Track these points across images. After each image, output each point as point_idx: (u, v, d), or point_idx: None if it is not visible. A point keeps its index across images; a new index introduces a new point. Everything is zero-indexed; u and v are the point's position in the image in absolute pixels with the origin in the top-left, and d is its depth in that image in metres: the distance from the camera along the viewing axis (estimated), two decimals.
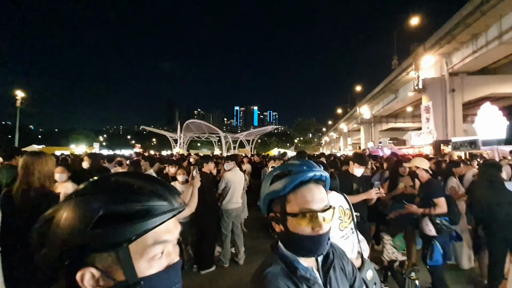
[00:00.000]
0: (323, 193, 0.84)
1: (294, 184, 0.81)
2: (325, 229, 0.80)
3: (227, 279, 3.99)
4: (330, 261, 0.90)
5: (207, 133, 44.63)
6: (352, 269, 0.99)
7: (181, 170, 4.05)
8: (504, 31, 12.51)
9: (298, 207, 0.81)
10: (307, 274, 0.82)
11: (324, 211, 0.80)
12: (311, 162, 0.89)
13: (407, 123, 31.21)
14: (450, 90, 17.07)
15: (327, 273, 0.88)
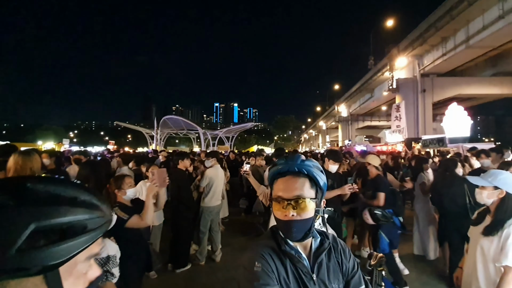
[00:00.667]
0: (297, 184, 0.91)
1: (274, 174, 0.96)
2: (292, 216, 0.88)
3: (203, 277, 3.89)
4: (323, 248, 0.96)
5: (185, 130, 43.66)
6: (352, 266, 1.01)
7: (154, 167, 3.81)
8: (471, 36, 13.28)
9: (274, 194, 0.94)
10: (292, 252, 0.91)
11: (292, 200, 0.89)
12: (295, 157, 0.97)
13: (381, 122, 32.52)
14: (421, 91, 17.95)
15: (317, 258, 0.93)
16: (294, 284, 0.89)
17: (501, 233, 1.76)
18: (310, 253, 0.95)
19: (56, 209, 0.43)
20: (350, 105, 34.20)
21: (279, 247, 0.92)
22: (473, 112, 17.41)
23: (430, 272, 3.95)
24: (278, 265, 0.89)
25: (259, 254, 0.89)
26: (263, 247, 0.92)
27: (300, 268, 0.90)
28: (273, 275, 0.86)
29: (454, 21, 13.36)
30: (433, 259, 4.27)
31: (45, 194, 0.44)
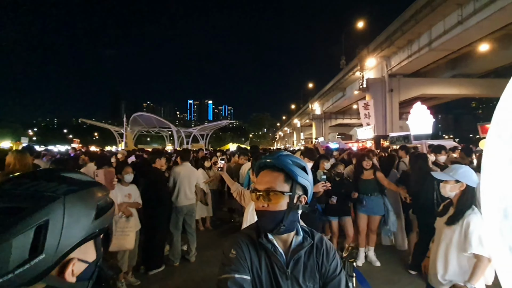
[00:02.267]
0: (270, 177, 0.95)
1: (255, 169, 1.02)
2: (262, 207, 0.92)
3: (177, 278, 3.76)
4: (302, 247, 0.96)
5: (157, 127, 42.16)
6: (334, 269, 0.99)
7: (127, 168, 3.60)
8: (433, 39, 14.20)
9: (252, 186, 1.02)
10: (268, 245, 0.93)
11: (263, 191, 0.92)
12: (275, 152, 1.02)
13: (353, 120, 33.82)
14: (389, 90, 18.92)
15: (294, 255, 0.94)
16: (266, 276, 0.92)
17: (462, 222, 1.88)
18: (289, 249, 0.96)
19: (96, 190, 0.57)
20: (323, 103, 35.17)
21: (258, 238, 0.95)
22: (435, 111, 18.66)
23: (399, 261, 4.15)
24: (253, 255, 0.93)
25: (236, 242, 0.95)
26: (243, 237, 0.98)
27: (274, 261, 0.92)
28: (245, 263, 0.90)
29: (419, 25, 14.20)
30: (402, 249, 4.49)
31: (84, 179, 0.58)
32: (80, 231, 0.51)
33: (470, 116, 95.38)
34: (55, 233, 0.47)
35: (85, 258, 0.54)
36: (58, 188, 0.51)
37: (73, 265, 0.51)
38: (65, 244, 0.49)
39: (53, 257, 0.47)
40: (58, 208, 0.48)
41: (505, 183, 0.41)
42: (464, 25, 12.00)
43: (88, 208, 0.53)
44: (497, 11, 10.30)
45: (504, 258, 0.41)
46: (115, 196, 3.27)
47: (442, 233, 2.02)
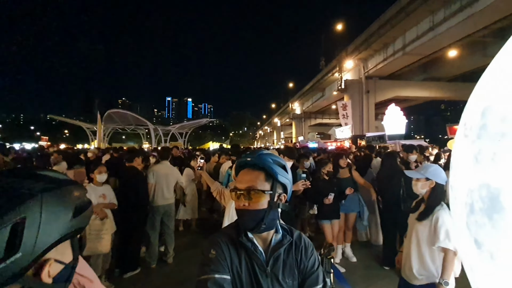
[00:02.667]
0: (251, 176, 0.95)
1: (236, 168, 1.01)
2: (244, 206, 0.92)
3: (154, 281, 3.67)
4: (281, 245, 0.98)
5: (133, 125, 40.63)
6: (312, 265, 1.02)
7: (101, 167, 3.44)
8: (407, 43, 14.88)
9: (232, 185, 1.02)
10: (248, 244, 0.93)
11: (244, 190, 0.93)
12: (255, 151, 1.04)
13: (332, 119, 34.68)
14: (366, 91, 19.61)
15: (274, 253, 0.95)
16: (246, 274, 0.92)
17: (432, 217, 1.99)
18: (268, 247, 0.97)
19: (73, 189, 0.56)
20: (303, 103, 35.75)
21: (237, 237, 0.95)
22: (407, 112, 19.60)
23: (374, 256, 4.32)
24: (233, 255, 0.92)
25: (216, 242, 0.94)
26: (222, 236, 0.97)
27: (254, 260, 0.93)
28: (225, 263, 0.90)
29: (394, 30, 14.82)
30: (377, 244, 4.66)
31: (61, 178, 0.57)
32: (58, 230, 0.50)
33: (439, 118, 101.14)
34: (32, 232, 0.46)
35: (62, 259, 0.53)
36: (35, 186, 0.49)
37: (50, 265, 0.50)
38: (42, 243, 0.47)
39: (30, 256, 0.46)
40: (35, 206, 0.47)
41: (471, 179, 0.43)
42: (435, 31, 12.69)
43: (65, 207, 0.52)
44: (464, 19, 10.99)
45: (469, 250, 0.44)
46: (88, 197, 3.11)
47: (414, 228, 2.12)
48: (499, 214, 0.37)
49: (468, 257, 0.45)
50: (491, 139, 0.39)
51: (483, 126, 0.42)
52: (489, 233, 0.38)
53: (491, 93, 0.42)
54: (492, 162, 0.39)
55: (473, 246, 0.42)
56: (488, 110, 0.42)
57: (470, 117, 0.48)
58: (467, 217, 0.44)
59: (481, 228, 0.40)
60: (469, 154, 0.45)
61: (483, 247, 0.40)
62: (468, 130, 0.48)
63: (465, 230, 0.45)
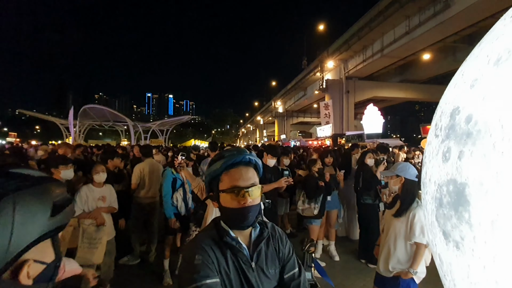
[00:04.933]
0: (250, 173, 0.98)
1: (226, 165, 0.96)
2: (249, 202, 0.93)
3: (135, 279, 3.58)
4: (262, 237, 1.01)
5: (111, 121, 39.16)
6: (288, 251, 1.08)
7: (98, 166, 3.12)
8: (385, 46, 15.43)
9: (228, 184, 0.95)
10: (233, 242, 0.94)
11: (249, 187, 0.94)
12: (242, 148, 1.06)
13: (313, 118, 35.30)
14: (346, 91, 20.15)
15: (256, 247, 0.98)
16: (234, 273, 0.92)
17: (409, 214, 2.10)
18: (250, 242, 0.99)
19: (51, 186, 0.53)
20: (285, 102, 36.10)
21: (220, 238, 0.95)
22: (385, 113, 20.36)
23: (353, 250, 4.48)
24: (219, 256, 0.91)
25: (200, 247, 0.91)
26: (204, 239, 0.95)
27: (240, 257, 0.94)
28: (213, 266, 0.89)
29: (373, 32, 15.31)
30: (355, 239, 4.84)
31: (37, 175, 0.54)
32: (34, 230, 0.48)
33: (414, 118, 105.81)
34: (4, 234, 0.44)
35: (42, 259, 0.51)
36: (7, 185, 0.47)
37: (29, 266, 0.48)
38: (16, 245, 0.46)
39: (4, 259, 0.44)
40: (7, 206, 0.45)
41: (440, 176, 0.47)
42: (411, 35, 13.27)
43: (42, 205, 0.50)
44: (437, 24, 11.61)
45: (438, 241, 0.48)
46: (85, 199, 2.86)
47: (391, 224, 2.22)
48: (464, 206, 0.40)
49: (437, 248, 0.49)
50: (458, 138, 0.43)
51: (451, 126, 0.46)
52: (455, 225, 0.42)
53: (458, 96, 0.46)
54: (459, 159, 0.42)
55: (441, 237, 0.46)
56: (456, 112, 0.45)
57: (440, 118, 0.52)
58: (437, 211, 0.48)
59: (448, 220, 0.44)
60: (439, 153, 0.49)
61: (450, 238, 0.44)
62: (439, 130, 0.51)
63: (434, 223, 0.49)
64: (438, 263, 0.50)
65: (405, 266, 2.10)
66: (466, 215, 0.39)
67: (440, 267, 0.50)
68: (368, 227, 4.15)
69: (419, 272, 2.04)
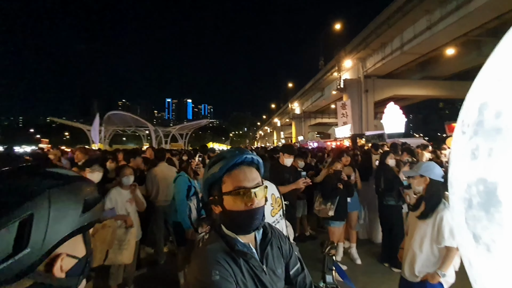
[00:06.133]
0: (254, 174, 0.94)
1: (228, 166, 0.91)
2: (257, 204, 0.89)
3: (163, 278, 3.67)
4: (268, 239, 0.99)
5: (133, 127, 40.71)
6: (289, 248, 1.07)
7: (127, 169, 3.25)
8: (404, 43, 14.92)
9: (233, 186, 0.90)
10: (245, 249, 0.91)
11: (255, 188, 0.90)
12: (243, 148, 1.02)
13: (331, 119, 34.68)
14: (364, 91, 19.65)
15: (264, 250, 0.97)
16: (250, 281, 0.89)
17: (435, 216, 1.99)
18: (256, 246, 0.97)
19: (82, 185, 0.56)
20: (303, 103, 35.77)
21: (231, 247, 0.90)
22: (406, 111, 19.65)
23: (374, 253, 4.34)
24: (234, 267, 0.87)
25: (214, 261, 0.85)
26: (215, 252, 0.88)
27: (252, 263, 0.91)
28: (231, 279, 0.84)
29: (391, 29, 14.86)
30: (377, 242, 4.68)
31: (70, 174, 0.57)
32: (67, 225, 0.50)
33: (437, 116, 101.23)
34: (40, 227, 0.46)
35: (74, 253, 0.54)
36: (42, 183, 0.50)
37: (62, 260, 0.50)
38: (51, 239, 0.48)
39: (39, 252, 0.46)
40: (43, 202, 0.47)
41: (469, 175, 0.44)
42: (432, 30, 12.73)
43: (74, 202, 0.52)
44: (460, 18, 11.06)
45: (468, 245, 0.45)
46: (115, 202, 3.00)
47: (416, 227, 2.12)
48: (495, 207, 0.38)
49: (466, 252, 0.46)
50: (487, 135, 0.41)
51: (480, 122, 0.43)
52: (485, 227, 0.40)
53: (487, 90, 0.44)
54: (489, 157, 0.40)
55: (471, 240, 0.43)
56: (484, 106, 0.43)
57: (467, 114, 0.49)
58: (466, 212, 0.45)
59: (478, 222, 0.41)
60: (466, 151, 0.47)
61: (480, 241, 0.41)
62: (466, 127, 0.49)
63: (463, 225, 0.46)
64: (468, 267, 0.47)
65: (432, 270, 2.00)
66: (497, 216, 0.37)
67: (469, 272, 0.47)
68: (391, 229, 4.00)
69: (447, 275, 1.94)
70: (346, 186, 3.86)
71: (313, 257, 3.61)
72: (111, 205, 2.97)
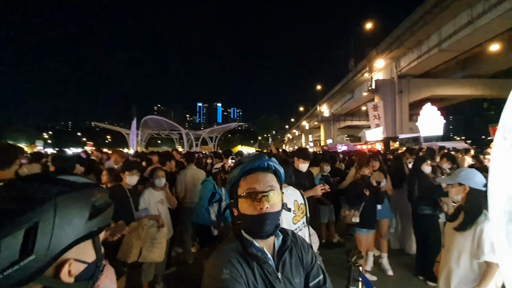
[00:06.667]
0: (269, 178, 0.95)
1: (244, 170, 0.95)
2: (267, 208, 0.89)
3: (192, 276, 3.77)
4: (286, 246, 0.98)
5: (167, 130, 42.78)
6: (311, 258, 1.04)
7: (159, 172, 3.37)
8: (442, 40, 13.97)
9: (245, 189, 0.93)
10: (258, 253, 0.91)
11: (266, 192, 0.90)
12: (261, 154, 1.05)
13: (362, 121, 33.48)
14: (399, 91, 18.68)
15: (281, 257, 0.96)
16: (262, 285, 0.89)
17: (475, 228, 1.83)
18: (274, 252, 0.96)
19: (90, 191, 0.57)
20: (332, 105, 34.93)
21: (245, 250, 0.91)
22: (446, 112, 18.33)
23: (408, 265, 4.06)
24: (246, 269, 0.88)
25: (226, 261, 0.87)
26: (229, 252, 0.91)
27: (266, 268, 0.90)
28: (242, 280, 0.85)
29: (428, 26, 14.00)
30: (411, 253, 4.36)
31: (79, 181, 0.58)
32: (73, 232, 0.51)
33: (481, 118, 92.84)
34: (45, 235, 0.48)
35: (83, 259, 0.55)
36: (50, 190, 0.51)
37: (70, 265, 0.52)
38: (56, 245, 0.49)
39: (44, 258, 0.48)
40: (49, 210, 0.49)
41: (510, 186, 0.41)
42: (474, 25, 11.77)
43: (81, 209, 0.53)
44: (505, 11, 10.10)
45: (508, 261, 0.41)
46: (148, 203, 3.14)
47: (454, 239, 1.96)
48: None
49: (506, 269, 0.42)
50: None
51: None
52: None
53: None
54: None
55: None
56: None
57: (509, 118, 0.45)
58: (506, 226, 0.42)
59: None
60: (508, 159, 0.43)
61: None
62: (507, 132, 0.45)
63: (503, 240, 0.42)
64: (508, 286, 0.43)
65: (470, 287, 1.83)
66: None
67: None
68: (426, 240, 3.70)
69: None
70: (374, 192, 3.63)
71: (339, 265, 3.47)
72: (145, 205, 3.12)
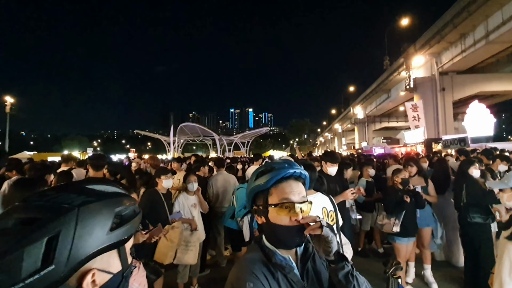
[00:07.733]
0: (301, 188, 0.93)
1: (276, 179, 0.91)
2: (302, 219, 0.87)
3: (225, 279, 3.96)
4: (309, 253, 0.95)
5: (201, 136, 44.54)
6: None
7: (191, 176, 3.51)
8: (490, 31, 12.78)
9: (279, 199, 0.89)
10: (283, 263, 0.88)
11: (301, 203, 0.89)
12: (292, 161, 1.00)
13: (400, 122, 31.58)
14: (441, 89, 17.35)
15: (305, 264, 0.93)
16: None
17: None
18: (297, 261, 0.94)
19: (115, 201, 0.57)
20: (366, 107, 33.50)
21: (268, 259, 0.88)
22: (497, 110, 16.61)
23: (455, 278, 3.80)
24: (270, 280, 0.85)
25: (250, 273, 0.84)
26: (253, 263, 0.87)
27: (291, 278, 0.87)
28: None
29: (472, 17, 12.91)
30: (458, 265, 4.08)
31: (107, 190, 0.59)
32: (94, 243, 0.51)
33: None
34: (65, 245, 0.48)
35: (108, 269, 0.55)
36: (75, 200, 0.52)
37: (93, 275, 0.52)
38: (77, 256, 0.49)
39: (64, 268, 0.48)
40: (71, 220, 0.49)
41: None
42: None
43: (103, 220, 0.53)
44: None
45: None
46: (182, 206, 3.34)
47: (505, 249, 1.86)
48: None
49: None
50: None
51: None
52: None
53: None
54: None
55: None
56: None
57: None
58: None
59: None
60: None
61: None
62: None
63: None
64: None
65: None
66: None
67: None
68: (477, 251, 3.36)
69: None
70: (414, 196, 3.38)
71: (376, 276, 3.28)
72: (179, 208, 3.32)
